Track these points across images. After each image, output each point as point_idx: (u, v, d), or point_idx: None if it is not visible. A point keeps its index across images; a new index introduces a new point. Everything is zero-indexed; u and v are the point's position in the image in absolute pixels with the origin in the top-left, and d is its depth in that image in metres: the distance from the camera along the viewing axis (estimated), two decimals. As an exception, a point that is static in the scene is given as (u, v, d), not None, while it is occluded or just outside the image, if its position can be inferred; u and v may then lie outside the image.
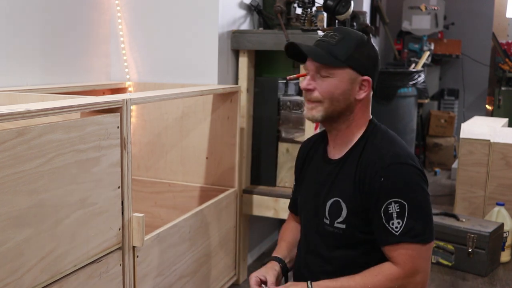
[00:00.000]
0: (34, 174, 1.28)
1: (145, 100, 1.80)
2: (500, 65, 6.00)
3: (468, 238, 2.54)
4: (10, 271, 1.23)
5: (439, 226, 2.64)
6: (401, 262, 1.34)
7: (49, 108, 1.31)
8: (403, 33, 5.88)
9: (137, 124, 2.63)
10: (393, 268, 1.35)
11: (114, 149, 1.57)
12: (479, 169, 3.11)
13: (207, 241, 2.20)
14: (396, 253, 1.35)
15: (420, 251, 1.34)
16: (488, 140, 3.09)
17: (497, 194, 3.04)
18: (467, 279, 2.53)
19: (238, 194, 2.51)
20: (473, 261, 2.56)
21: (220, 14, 2.49)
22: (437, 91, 5.95)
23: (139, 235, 1.67)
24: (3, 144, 1.18)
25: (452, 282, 2.51)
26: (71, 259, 1.43)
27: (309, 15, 2.63)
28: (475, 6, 6.09)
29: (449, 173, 5.04)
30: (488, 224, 2.63)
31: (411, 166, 1.36)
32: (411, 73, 4.70)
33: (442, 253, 2.65)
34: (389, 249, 1.36)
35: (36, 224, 1.30)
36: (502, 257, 2.71)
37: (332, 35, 1.43)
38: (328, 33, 1.45)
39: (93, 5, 2.54)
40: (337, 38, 1.42)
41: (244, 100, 2.59)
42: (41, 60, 2.25)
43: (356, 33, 1.45)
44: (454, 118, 5.54)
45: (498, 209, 2.80)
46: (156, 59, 2.63)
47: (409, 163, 1.36)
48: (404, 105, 4.70)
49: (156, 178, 2.63)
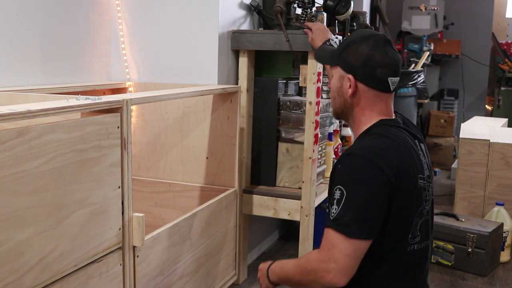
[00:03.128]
0: (35, 174, 1.28)
1: (145, 100, 1.81)
2: (499, 65, 6.01)
3: (468, 238, 2.55)
4: (10, 271, 1.23)
5: (439, 226, 2.65)
6: (322, 245, 1.34)
7: (50, 108, 1.31)
8: (403, 33, 5.89)
9: (137, 124, 2.64)
10: (315, 251, 1.37)
11: (114, 149, 1.57)
12: (478, 169, 3.11)
13: (207, 241, 2.20)
14: (324, 236, 1.34)
15: (340, 242, 1.30)
16: (488, 140, 3.09)
17: (496, 194, 3.05)
18: (467, 278, 2.54)
19: (238, 194, 2.52)
20: (472, 261, 2.56)
21: (220, 14, 2.49)
22: (436, 91, 5.95)
23: (139, 235, 1.67)
24: (4, 144, 1.18)
25: (452, 281, 2.51)
26: (72, 259, 1.43)
27: (309, 15, 2.63)
28: (475, 6, 6.09)
29: (448, 173, 5.04)
30: (488, 224, 2.64)
31: (367, 160, 1.33)
32: (411, 73, 4.71)
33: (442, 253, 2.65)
34: (324, 231, 1.36)
35: (37, 224, 1.30)
36: (502, 256, 2.72)
37: (349, 36, 1.55)
38: (342, 40, 1.66)
39: (94, 5, 2.54)
40: (339, 45, 1.55)
41: (244, 100, 2.60)
42: (41, 60, 2.25)
43: (362, 32, 1.51)
44: (453, 118, 5.54)
45: (497, 209, 2.81)
46: (156, 59, 2.63)
47: (365, 156, 1.34)
48: (404, 105, 4.70)
49: (156, 178, 2.63)
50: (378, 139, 1.40)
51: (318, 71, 2.49)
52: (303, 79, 2.54)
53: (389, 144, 1.39)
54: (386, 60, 1.44)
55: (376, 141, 1.40)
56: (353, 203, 1.31)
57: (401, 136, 1.44)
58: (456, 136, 5.40)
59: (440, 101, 5.99)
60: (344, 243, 1.29)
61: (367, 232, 1.31)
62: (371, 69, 1.44)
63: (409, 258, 1.41)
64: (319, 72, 2.51)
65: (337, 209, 1.32)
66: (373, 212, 1.32)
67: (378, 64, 1.44)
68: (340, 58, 1.48)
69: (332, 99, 1.55)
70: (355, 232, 1.29)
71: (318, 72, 2.49)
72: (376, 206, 1.32)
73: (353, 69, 1.46)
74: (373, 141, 1.40)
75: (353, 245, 1.30)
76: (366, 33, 1.50)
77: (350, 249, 1.30)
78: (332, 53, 1.56)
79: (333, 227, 1.31)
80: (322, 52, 1.71)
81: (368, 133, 1.45)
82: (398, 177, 1.33)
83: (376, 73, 1.44)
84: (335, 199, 1.33)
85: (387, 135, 1.41)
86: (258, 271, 1.60)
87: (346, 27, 2.76)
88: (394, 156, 1.36)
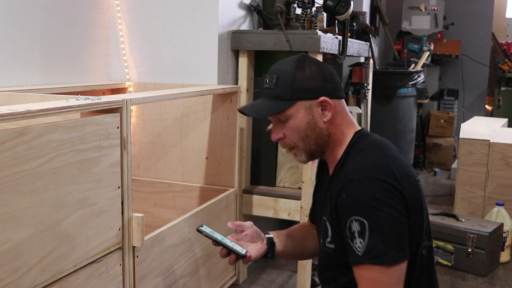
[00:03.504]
0: (34, 174, 1.28)
1: (145, 100, 1.81)
2: (499, 65, 6.01)
3: (468, 238, 2.55)
4: (10, 271, 1.23)
5: (438, 226, 2.65)
6: (361, 284, 1.23)
7: (49, 108, 1.31)
8: (402, 33, 5.89)
9: (137, 124, 2.63)
10: None
11: (114, 149, 1.57)
12: (478, 169, 3.11)
13: (207, 241, 2.20)
14: (358, 274, 1.24)
15: (383, 274, 1.20)
16: (488, 140, 3.09)
17: (496, 194, 3.05)
18: (467, 279, 2.53)
19: (238, 194, 2.51)
20: (472, 261, 2.56)
21: (220, 14, 2.49)
22: (436, 91, 5.95)
23: (139, 235, 1.67)
24: (3, 144, 1.18)
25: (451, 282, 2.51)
26: (71, 259, 1.43)
27: (309, 15, 2.63)
28: (475, 6, 6.09)
29: (448, 173, 5.04)
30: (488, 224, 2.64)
31: (375, 180, 1.23)
32: (411, 73, 4.71)
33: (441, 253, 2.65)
34: (354, 269, 1.25)
35: (36, 224, 1.30)
36: (502, 257, 2.72)
37: (269, 79, 1.39)
38: (266, 78, 1.40)
39: (93, 5, 2.54)
40: (274, 80, 1.37)
41: (244, 100, 2.60)
42: (41, 60, 2.25)
43: (289, 62, 1.38)
44: (453, 118, 5.54)
45: (497, 209, 2.80)
46: (156, 59, 2.63)
47: (371, 176, 1.24)
48: (404, 105, 4.70)
49: (156, 178, 2.63)
50: (371, 154, 1.31)
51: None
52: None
53: (384, 155, 1.31)
54: (328, 68, 1.39)
55: (370, 157, 1.30)
56: (379, 230, 1.20)
57: (382, 141, 1.38)
58: (456, 136, 5.40)
59: (440, 101, 5.99)
60: (387, 274, 1.20)
61: (404, 252, 1.23)
62: (331, 81, 1.37)
63: (425, 259, 1.36)
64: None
65: (363, 242, 1.20)
66: (401, 229, 1.23)
67: (329, 72, 1.38)
68: (296, 91, 1.34)
69: (301, 141, 1.37)
70: (394, 258, 1.21)
71: (318, 72, 2.49)
72: (401, 222, 1.24)
73: (319, 90, 1.34)
74: (367, 158, 1.30)
75: (396, 272, 1.22)
76: (288, 60, 1.39)
77: (395, 277, 1.22)
78: (274, 97, 1.36)
79: (368, 262, 1.20)
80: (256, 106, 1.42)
81: (353, 150, 1.35)
82: (406, 186, 1.26)
83: (336, 81, 1.38)
84: (355, 232, 1.22)
85: (375, 146, 1.34)
86: None
87: (346, 27, 2.76)
88: (395, 167, 1.28)
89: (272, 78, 1.37)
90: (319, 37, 2.42)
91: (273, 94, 1.36)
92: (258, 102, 1.40)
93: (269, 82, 1.38)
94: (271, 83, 1.37)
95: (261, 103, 1.39)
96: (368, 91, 3.83)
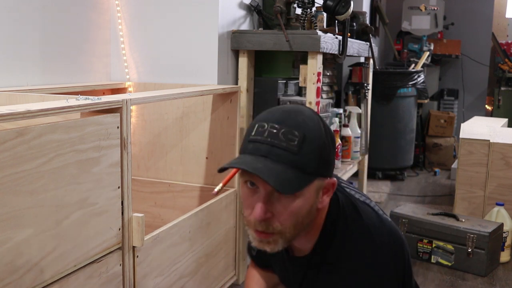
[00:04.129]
0: (34, 174, 1.28)
1: (145, 100, 1.81)
2: (499, 65, 6.01)
3: (468, 238, 2.55)
4: (10, 271, 1.23)
5: (439, 226, 2.65)
6: None
7: (49, 108, 1.31)
8: (402, 33, 5.88)
9: (137, 124, 2.63)
10: None
11: (114, 149, 1.57)
12: (478, 169, 3.11)
13: (207, 241, 2.20)
14: None
15: None
16: (488, 140, 3.09)
17: (496, 194, 3.05)
18: (467, 279, 2.53)
19: (238, 194, 2.51)
20: (472, 261, 2.56)
21: (220, 14, 2.49)
22: (436, 91, 5.95)
23: (139, 235, 1.67)
24: (3, 144, 1.18)
25: (452, 282, 2.51)
26: (71, 259, 1.43)
27: (309, 15, 2.63)
28: (475, 6, 6.09)
29: (448, 173, 5.04)
30: (488, 224, 2.64)
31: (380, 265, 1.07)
32: (411, 73, 4.71)
33: (441, 253, 2.65)
34: None
35: (36, 224, 1.30)
36: (502, 257, 2.72)
37: (288, 135, 0.98)
38: (280, 129, 0.98)
39: (93, 5, 2.54)
40: (297, 142, 0.98)
41: (244, 100, 2.60)
42: (41, 60, 2.25)
43: (313, 119, 1.04)
44: (453, 118, 5.54)
45: (497, 209, 2.80)
46: (156, 59, 2.63)
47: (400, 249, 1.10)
48: (404, 105, 4.70)
49: (156, 178, 2.63)
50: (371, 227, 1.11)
51: (318, 71, 2.49)
52: (303, 79, 2.54)
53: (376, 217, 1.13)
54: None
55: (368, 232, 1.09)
56: None
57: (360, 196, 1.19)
58: (456, 136, 5.40)
59: (440, 101, 5.99)
60: None
61: None
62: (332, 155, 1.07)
63: None
64: (319, 72, 2.51)
65: None
66: None
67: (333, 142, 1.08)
68: (321, 165, 1.02)
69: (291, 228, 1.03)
70: None
71: (318, 72, 2.49)
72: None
73: (330, 169, 1.06)
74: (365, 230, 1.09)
75: None
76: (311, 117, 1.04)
77: None
78: (295, 164, 0.98)
79: None
80: (272, 171, 0.97)
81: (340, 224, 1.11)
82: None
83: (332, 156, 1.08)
84: None
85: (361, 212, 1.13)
86: None
87: (346, 27, 2.76)
88: (393, 226, 1.14)
89: (293, 137, 0.98)
90: (319, 37, 2.42)
91: (294, 161, 0.97)
92: (272, 167, 0.97)
93: (286, 139, 0.98)
94: (291, 142, 0.98)
95: (277, 169, 0.97)
96: (368, 91, 3.83)
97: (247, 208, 1.05)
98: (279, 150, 0.97)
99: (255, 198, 1.02)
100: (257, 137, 1.00)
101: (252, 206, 1.02)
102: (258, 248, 1.06)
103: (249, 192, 1.04)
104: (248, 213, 1.05)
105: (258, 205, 1.00)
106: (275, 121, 1.00)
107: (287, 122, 0.99)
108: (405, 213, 2.78)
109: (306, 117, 1.02)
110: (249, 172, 0.97)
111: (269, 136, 0.98)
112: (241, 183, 1.06)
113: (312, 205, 1.03)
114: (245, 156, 1.01)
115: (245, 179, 1.03)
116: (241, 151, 1.05)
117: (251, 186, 1.03)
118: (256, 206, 1.01)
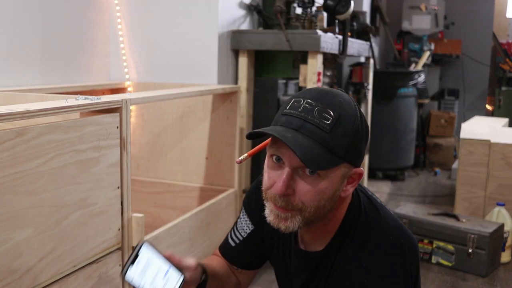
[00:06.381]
0: (34, 174, 1.27)
1: (145, 100, 1.80)
2: (500, 65, 6.01)
3: (469, 239, 2.54)
4: (10, 271, 1.23)
5: (439, 226, 2.64)
6: None
7: (49, 108, 1.31)
8: (403, 33, 5.88)
9: (137, 124, 2.63)
10: None
11: (113, 149, 1.57)
12: (479, 169, 3.11)
13: (207, 241, 2.20)
14: None
15: None
16: (488, 140, 3.09)
17: (497, 194, 3.04)
18: (467, 279, 2.53)
19: (238, 194, 2.51)
20: (473, 262, 2.55)
21: (220, 14, 2.49)
22: (437, 91, 5.94)
23: (138, 235, 1.66)
24: (3, 144, 1.18)
25: (452, 282, 2.51)
26: (71, 259, 1.43)
27: (309, 15, 2.63)
28: (475, 6, 6.09)
29: (449, 173, 5.04)
30: (489, 224, 2.63)
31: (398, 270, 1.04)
32: (411, 73, 4.70)
33: (442, 253, 2.64)
34: None
35: (36, 224, 1.29)
36: (502, 257, 2.71)
37: (322, 113, 0.97)
38: (315, 107, 0.98)
39: (93, 5, 2.54)
40: (330, 121, 0.96)
41: (244, 100, 2.59)
42: (40, 60, 2.24)
43: (351, 104, 1.02)
44: (454, 118, 5.53)
45: (498, 209, 2.80)
46: (155, 59, 2.63)
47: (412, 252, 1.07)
48: (404, 105, 4.70)
49: (155, 178, 2.63)
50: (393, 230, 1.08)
51: (318, 71, 2.49)
52: (303, 79, 2.53)
53: (394, 220, 1.11)
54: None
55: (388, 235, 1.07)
56: None
57: (373, 197, 1.16)
58: (456, 136, 5.39)
59: (440, 101, 5.98)
60: None
61: None
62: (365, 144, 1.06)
63: None
64: (319, 72, 2.50)
65: None
66: None
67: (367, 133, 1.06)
68: (350, 150, 0.99)
69: (311, 209, 1.00)
70: None
71: (318, 72, 2.49)
72: None
73: (360, 158, 1.04)
74: (385, 234, 1.07)
75: None
76: (348, 101, 1.02)
77: None
78: (326, 144, 0.96)
79: None
80: (302, 145, 0.95)
81: (360, 223, 1.08)
82: None
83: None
84: None
85: (382, 214, 1.10)
86: None
87: (346, 26, 2.76)
88: (410, 234, 1.11)
89: (327, 116, 0.97)
90: (319, 36, 2.42)
91: (324, 140, 0.96)
92: (302, 140, 0.95)
93: (320, 116, 0.96)
94: (325, 121, 0.96)
95: (307, 143, 0.95)
96: (368, 91, 3.83)
97: (269, 181, 1.03)
98: (311, 126, 0.96)
99: (279, 173, 1.01)
100: (291, 111, 0.99)
101: (274, 180, 1.01)
102: (272, 224, 1.03)
103: (273, 166, 1.02)
104: (268, 186, 1.03)
105: (280, 179, 0.99)
106: (312, 98, 0.99)
107: (323, 101, 0.98)
108: (405, 213, 2.78)
109: (344, 100, 1.01)
110: (278, 138, 0.95)
111: (303, 111, 0.98)
112: (267, 156, 1.04)
113: (336, 191, 1.02)
114: (276, 127, 0.99)
115: (272, 152, 1.02)
116: (273, 124, 1.03)
117: (276, 161, 1.01)
118: (278, 180, 0.99)
